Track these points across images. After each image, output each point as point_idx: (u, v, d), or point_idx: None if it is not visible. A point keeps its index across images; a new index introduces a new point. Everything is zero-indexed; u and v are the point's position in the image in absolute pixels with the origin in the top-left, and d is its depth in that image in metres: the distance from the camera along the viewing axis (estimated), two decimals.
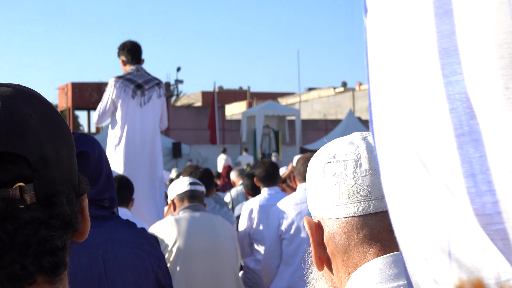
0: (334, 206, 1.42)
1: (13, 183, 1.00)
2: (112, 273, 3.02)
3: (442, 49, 0.82)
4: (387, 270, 1.35)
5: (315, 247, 1.47)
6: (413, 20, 0.88)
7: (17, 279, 1.01)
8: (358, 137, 1.48)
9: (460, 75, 0.81)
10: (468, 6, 0.83)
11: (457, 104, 0.82)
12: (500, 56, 0.79)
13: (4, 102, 1.04)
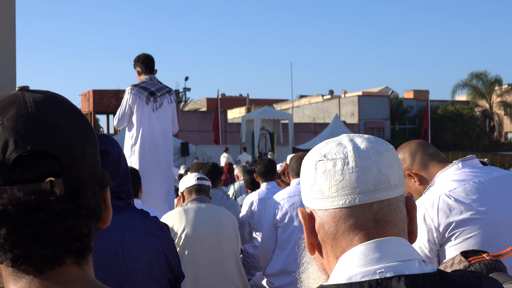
0: (324, 198, 1.42)
1: (45, 177, 1.00)
2: (128, 255, 3.02)
3: None
4: (370, 254, 1.35)
5: (307, 234, 1.48)
6: None
7: (48, 261, 1.02)
8: (346, 138, 1.48)
9: None
10: None
11: None
12: None
13: (36, 107, 1.05)
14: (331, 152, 1.45)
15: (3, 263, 1.03)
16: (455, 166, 3.05)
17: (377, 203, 1.41)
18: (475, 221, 2.87)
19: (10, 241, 1.00)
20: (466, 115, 53.65)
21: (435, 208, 2.91)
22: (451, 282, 1.33)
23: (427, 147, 3.15)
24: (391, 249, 1.37)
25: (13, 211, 0.99)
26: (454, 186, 2.96)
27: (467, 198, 2.91)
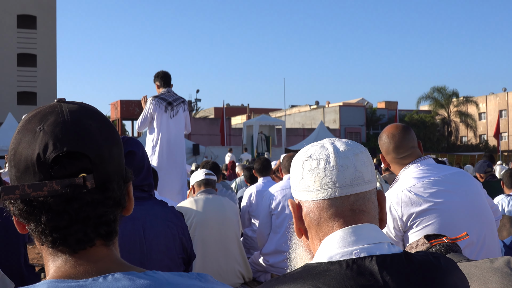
0: (310, 191, 1.43)
1: (78, 173, 1.00)
2: (149, 238, 3.02)
3: None
4: (347, 237, 1.36)
5: (296, 221, 1.48)
6: None
7: (81, 243, 1.02)
8: (328, 142, 1.49)
9: None
10: None
11: None
12: None
13: (71, 115, 1.05)
14: (315, 153, 1.46)
15: (44, 245, 1.03)
16: (414, 165, 3.05)
17: (354, 195, 1.42)
18: (433, 211, 2.87)
19: (49, 227, 1.00)
20: (428, 122, 53.76)
21: (399, 201, 2.91)
22: (414, 261, 1.33)
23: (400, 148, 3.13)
24: (365, 233, 1.37)
25: (52, 201, 0.99)
26: (414, 182, 2.96)
27: (425, 192, 2.92)
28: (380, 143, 3.19)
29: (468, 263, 2.12)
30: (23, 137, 1.04)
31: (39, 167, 1.00)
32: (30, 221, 1.02)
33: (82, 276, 0.99)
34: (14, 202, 1.02)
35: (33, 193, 0.99)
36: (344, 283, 1.25)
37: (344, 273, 1.27)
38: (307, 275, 1.29)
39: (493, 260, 2.12)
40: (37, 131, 1.03)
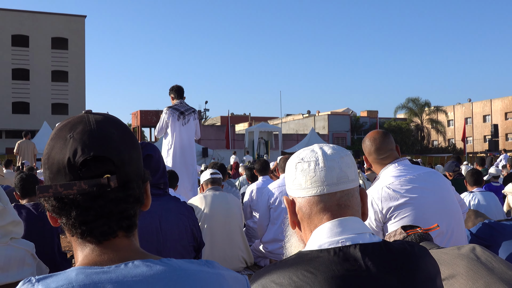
0: (302, 189, 1.44)
1: (103, 174, 1.00)
2: (165, 229, 3.02)
3: None
4: (335, 229, 1.36)
5: (290, 215, 1.49)
6: None
7: (105, 234, 1.02)
8: (317, 147, 1.50)
9: None
10: None
11: None
12: None
13: (97, 125, 1.05)
14: (307, 156, 1.47)
15: (74, 236, 1.04)
16: (392, 165, 3.05)
17: (340, 192, 1.42)
18: (408, 205, 2.87)
19: (78, 221, 1.01)
20: (404, 128, 53.88)
21: (379, 197, 2.92)
22: (392, 249, 1.34)
23: (382, 148, 3.13)
24: (349, 225, 1.38)
25: (80, 199, 0.99)
26: (393, 180, 2.96)
27: (401, 188, 2.92)
28: (363, 146, 3.19)
29: (438, 250, 2.12)
30: (55, 144, 1.05)
31: (70, 169, 1.01)
32: (61, 215, 1.02)
33: (107, 263, 0.99)
34: (48, 199, 1.02)
35: (64, 192, 0.99)
36: (332, 268, 1.26)
37: (332, 259, 1.28)
38: (300, 261, 1.30)
39: (460, 247, 2.12)
40: (67, 138, 1.03)
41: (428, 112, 56.22)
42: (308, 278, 1.24)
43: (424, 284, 1.31)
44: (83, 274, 0.95)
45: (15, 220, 2.75)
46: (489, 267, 1.99)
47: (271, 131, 32.95)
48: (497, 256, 2.08)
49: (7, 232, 2.70)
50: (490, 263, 2.01)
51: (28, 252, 2.75)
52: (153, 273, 0.97)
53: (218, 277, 1.04)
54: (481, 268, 1.97)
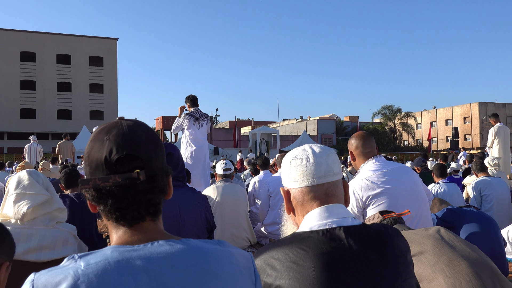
0: (296, 181, 1.45)
1: (134, 170, 1.00)
2: (183, 214, 3.02)
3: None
4: (323, 213, 1.38)
5: (286, 203, 1.50)
6: None
7: (136, 219, 1.03)
8: (307, 146, 1.51)
9: None
10: None
11: None
12: None
13: (128, 129, 1.06)
14: (299, 154, 1.48)
15: (109, 221, 1.04)
16: (371, 161, 3.06)
17: (327, 183, 1.43)
18: (384, 194, 2.87)
19: (114, 208, 1.01)
20: (380, 131, 53.80)
21: (360, 187, 2.92)
22: (370, 230, 1.35)
23: (365, 147, 3.13)
24: (335, 210, 1.39)
25: (115, 190, 1.00)
26: (371, 173, 2.96)
27: (378, 180, 2.92)
28: (351, 142, 3.17)
29: (409, 231, 2.12)
30: (94, 144, 1.05)
31: (106, 165, 1.01)
32: (99, 203, 1.03)
33: (136, 243, 1.00)
34: (88, 190, 1.03)
35: (102, 184, 1.00)
36: (320, 245, 1.27)
37: (321, 239, 1.29)
38: (294, 240, 1.31)
39: (427, 229, 2.12)
40: (104, 140, 1.04)
41: (400, 117, 56.13)
42: (301, 254, 1.25)
43: (396, 258, 1.32)
44: (117, 252, 0.95)
45: (60, 207, 2.76)
46: (451, 245, 1.99)
47: (271, 133, 32.97)
48: (458, 236, 2.08)
49: (53, 217, 2.70)
50: (453, 242, 2.01)
51: (71, 233, 2.75)
52: (174, 250, 0.98)
53: (228, 254, 1.04)
54: (445, 246, 1.97)
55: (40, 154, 15.03)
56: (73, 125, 48.26)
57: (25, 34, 49.82)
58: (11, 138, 48.23)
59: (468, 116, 60.51)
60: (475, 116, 59.22)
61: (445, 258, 1.90)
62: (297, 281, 1.21)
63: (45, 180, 2.78)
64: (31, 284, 0.91)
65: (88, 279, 0.89)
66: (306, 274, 1.22)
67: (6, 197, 2.70)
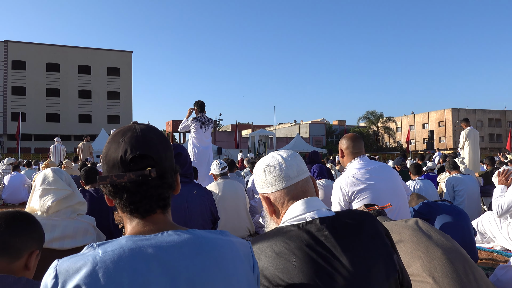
0: (273, 186, 1.42)
1: (146, 167, 1.01)
2: (190, 207, 3.01)
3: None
4: (299, 206, 1.36)
5: (268, 207, 1.45)
6: None
7: (148, 211, 1.03)
8: (275, 153, 1.49)
9: None
10: None
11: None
12: None
13: (141, 132, 1.06)
14: (271, 162, 1.45)
15: (124, 213, 1.04)
16: (356, 160, 3.05)
17: (301, 181, 1.42)
18: (367, 189, 2.87)
19: (128, 201, 1.01)
20: (365, 133, 53.86)
21: (346, 183, 2.91)
22: (342, 218, 1.33)
23: (354, 147, 3.13)
24: (311, 203, 1.37)
25: (129, 185, 1.00)
26: (356, 171, 2.96)
27: (362, 177, 2.91)
28: (343, 141, 3.14)
29: (391, 222, 2.12)
30: (111, 146, 1.05)
31: (122, 164, 1.01)
32: (116, 198, 1.03)
33: (148, 233, 1.00)
34: (105, 186, 1.03)
35: (118, 180, 1.00)
36: (300, 238, 1.25)
37: (300, 232, 1.27)
38: (278, 234, 1.29)
39: (406, 220, 2.12)
40: (120, 142, 1.04)
41: (382, 121, 56.21)
42: (283, 246, 1.24)
43: (371, 239, 1.29)
44: (131, 241, 0.95)
45: (81, 201, 2.75)
46: (427, 235, 1.99)
47: (268, 135, 32.93)
48: (433, 227, 2.08)
49: (75, 209, 2.70)
50: (429, 232, 2.01)
51: (90, 224, 2.74)
52: (182, 239, 0.98)
53: (229, 242, 1.04)
54: (421, 236, 1.97)
55: (64, 153, 15.01)
56: (92, 128, 48.18)
57: (50, 47, 49.79)
58: (38, 140, 48.12)
59: (443, 121, 60.59)
60: (449, 121, 59.30)
61: (421, 246, 1.91)
62: (281, 271, 1.20)
63: (67, 177, 2.77)
64: (55, 269, 0.91)
65: (105, 265, 0.89)
66: (289, 265, 1.21)
67: (33, 192, 2.70)
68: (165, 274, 0.92)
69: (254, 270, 1.07)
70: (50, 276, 0.91)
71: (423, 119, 63.73)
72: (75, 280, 0.88)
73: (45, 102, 49.06)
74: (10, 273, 1.45)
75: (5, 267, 1.46)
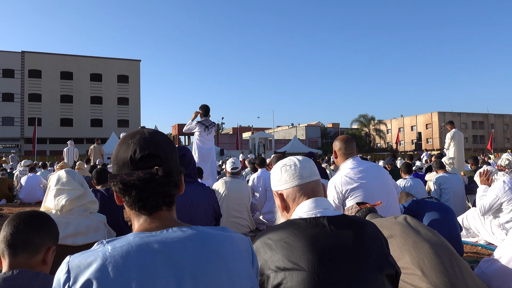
0: (287, 183, 1.50)
1: (154, 166, 1.01)
2: (194, 205, 3.01)
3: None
4: (310, 204, 1.41)
5: (280, 203, 1.52)
6: None
7: (154, 208, 1.03)
8: (292, 157, 1.58)
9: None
10: None
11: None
12: None
13: (149, 134, 1.07)
14: (287, 162, 1.54)
15: (133, 210, 1.04)
16: (349, 160, 3.05)
17: (312, 181, 1.49)
18: (359, 188, 2.87)
19: (137, 198, 1.02)
20: (357, 135, 53.84)
21: (340, 182, 2.91)
22: (348, 219, 1.37)
23: (347, 149, 3.12)
24: (320, 203, 1.42)
25: (138, 183, 1.00)
26: (349, 171, 2.96)
27: (355, 176, 2.91)
28: (336, 143, 3.15)
29: (381, 219, 2.12)
30: (121, 147, 1.06)
31: (131, 163, 1.02)
32: (125, 195, 1.03)
33: (154, 230, 1.00)
34: (116, 184, 1.03)
35: (127, 178, 1.00)
36: (307, 230, 1.29)
37: (309, 224, 1.32)
38: (287, 225, 1.33)
39: (396, 216, 2.12)
40: (129, 143, 1.05)
41: (373, 124, 56.21)
42: (292, 235, 1.28)
43: (369, 239, 1.32)
44: (138, 237, 0.95)
45: (93, 200, 2.75)
46: (416, 230, 1.98)
47: (267, 137, 32.92)
48: (421, 223, 2.08)
49: (87, 208, 2.69)
50: (417, 228, 2.01)
51: (101, 222, 2.74)
52: (186, 235, 0.98)
53: (230, 238, 1.04)
54: (410, 231, 1.96)
55: (76, 156, 15.01)
56: (103, 132, 48.16)
57: (64, 57, 49.87)
58: (52, 143, 48.14)
59: (430, 123, 60.63)
60: (435, 123, 59.33)
61: (410, 241, 1.90)
62: (287, 255, 1.24)
63: (80, 178, 2.77)
64: (67, 265, 0.91)
65: (114, 260, 0.89)
66: (294, 250, 1.24)
67: (48, 192, 2.69)
68: (171, 267, 0.92)
69: (253, 264, 1.07)
70: (62, 271, 0.91)
71: (412, 121, 63.77)
72: (86, 275, 0.88)
73: (59, 108, 49.10)
74: (29, 268, 1.46)
75: (24, 262, 1.47)
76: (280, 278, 1.21)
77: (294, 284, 1.20)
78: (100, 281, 0.87)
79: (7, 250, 1.47)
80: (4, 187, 9.24)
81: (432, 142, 59.31)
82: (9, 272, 1.40)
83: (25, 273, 1.40)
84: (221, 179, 5.38)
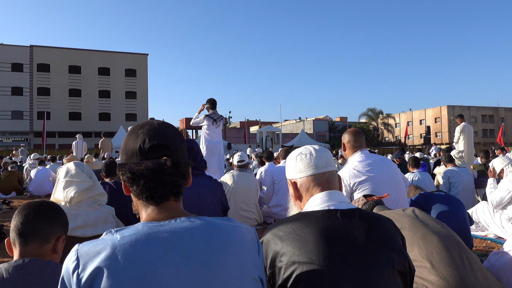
0: (301, 172, 1.47)
1: (162, 156, 1.01)
2: (202, 197, 3.02)
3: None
4: (324, 197, 1.39)
5: (293, 191, 1.50)
6: None
7: (162, 198, 1.03)
8: (308, 146, 1.55)
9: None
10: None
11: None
12: None
13: (158, 125, 1.07)
14: (303, 151, 1.52)
15: (140, 200, 1.05)
16: (358, 154, 3.04)
17: (327, 172, 1.46)
18: (367, 181, 2.86)
19: (145, 187, 1.02)
20: (365, 129, 53.39)
21: (348, 175, 2.90)
22: (362, 213, 1.34)
23: (355, 142, 3.11)
24: (334, 195, 1.40)
25: (146, 172, 1.00)
26: (357, 164, 2.94)
27: (363, 169, 2.90)
28: (345, 136, 3.14)
29: (389, 211, 2.11)
30: (130, 137, 1.06)
31: (140, 152, 1.02)
32: (133, 184, 1.03)
33: (162, 220, 1.00)
34: (124, 173, 1.03)
35: (136, 167, 1.01)
36: (320, 222, 1.28)
37: (320, 216, 1.30)
38: (299, 217, 1.31)
39: (404, 209, 2.11)
40: (139, 133, 1.05)
41: (381, 117, 55.75)
42: (304, 227, 1.27)
43: (382, 235, 1.29)
44: (146, 227, 0.95)
45: (101, 192, 2.77)
46: (424, 222, 1.97)
47: (274, 131, 32.86)
48: (430, 216, 2.06)
49: (96, 200, 2.72)
50: (425, 220, 1.99)
51: (110, 213, 2.77)
52: (194, 225, 0.98)
53: (236, 228, 1.04)
54: (419, 223, 1.95)
55: (85, 149, 15.15)
56: (111, 125, 48.49)
57: (72, 51, 50.11)
58: (61, 137, 48.59)
59: (439, 117, 60.01)
60: (444, 117, 58.70)
61: (419, 233, 1.89)
62: (299, 248, 1.23)
63: (88, 170, 2.80)
64: (76, 252, 0.92)
65: (123, 248, 0.90)
66: (306, 243, 1.23)
67: (57, 184, 2.72)
68: (180, 256, 0.92)
69: (259, 253, 1.08)
70: (71, 259, 0.92)
71: (420, 115, 63.18)
72: (96, 262, 0.89)
73: (67, 102, 49.46)
74: (40, 256, 1.48)
75: (35, 251, 1.49)
76: (290, 270, 1.21)
77: (304, 276, 1.19)
78: (110, 269, 0.87)
79: (18, 239, 1.49)
80: (14, 180, 9.37)
81: (441, 136, 58.75)
82: (20, 260, 1.42)
83: (35, 261, 1.42)
84: (228, 173, 5.39)
